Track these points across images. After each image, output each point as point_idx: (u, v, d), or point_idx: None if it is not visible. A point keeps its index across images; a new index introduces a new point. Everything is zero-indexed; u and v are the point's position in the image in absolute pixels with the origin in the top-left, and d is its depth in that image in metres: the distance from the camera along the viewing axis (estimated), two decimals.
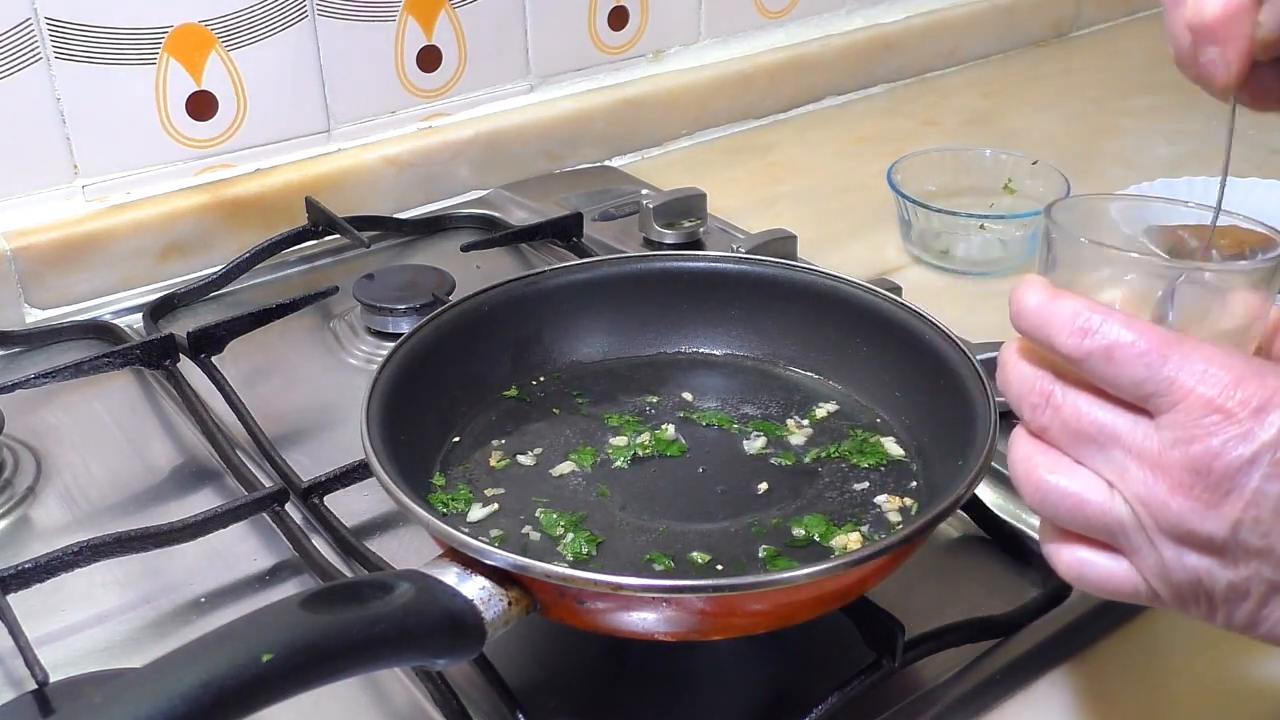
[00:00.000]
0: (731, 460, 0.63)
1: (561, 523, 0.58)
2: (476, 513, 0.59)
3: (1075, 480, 0.43)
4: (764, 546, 0.57)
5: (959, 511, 0.62)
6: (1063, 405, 0.43)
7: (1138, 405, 0.42)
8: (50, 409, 0.78)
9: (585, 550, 0.57)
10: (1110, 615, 0.60)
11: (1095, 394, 0.43)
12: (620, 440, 0.64)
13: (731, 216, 0.99)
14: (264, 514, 0.66)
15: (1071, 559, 0.45)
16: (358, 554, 0.63)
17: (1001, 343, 0.71)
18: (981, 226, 0.92)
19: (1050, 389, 0.44)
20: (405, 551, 0.65)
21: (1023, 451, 0.45)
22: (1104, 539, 0.43)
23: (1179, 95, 1.31)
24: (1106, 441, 0.42)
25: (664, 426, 0.66)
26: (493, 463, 0.63)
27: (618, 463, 0.63)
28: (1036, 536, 0.64)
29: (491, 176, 1.08)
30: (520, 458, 0.64)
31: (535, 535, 0.58)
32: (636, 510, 0.60)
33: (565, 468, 0.63)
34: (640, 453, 0.63)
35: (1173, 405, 0.40)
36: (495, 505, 0.60)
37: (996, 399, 0.58)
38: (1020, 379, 0.45)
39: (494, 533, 0.58)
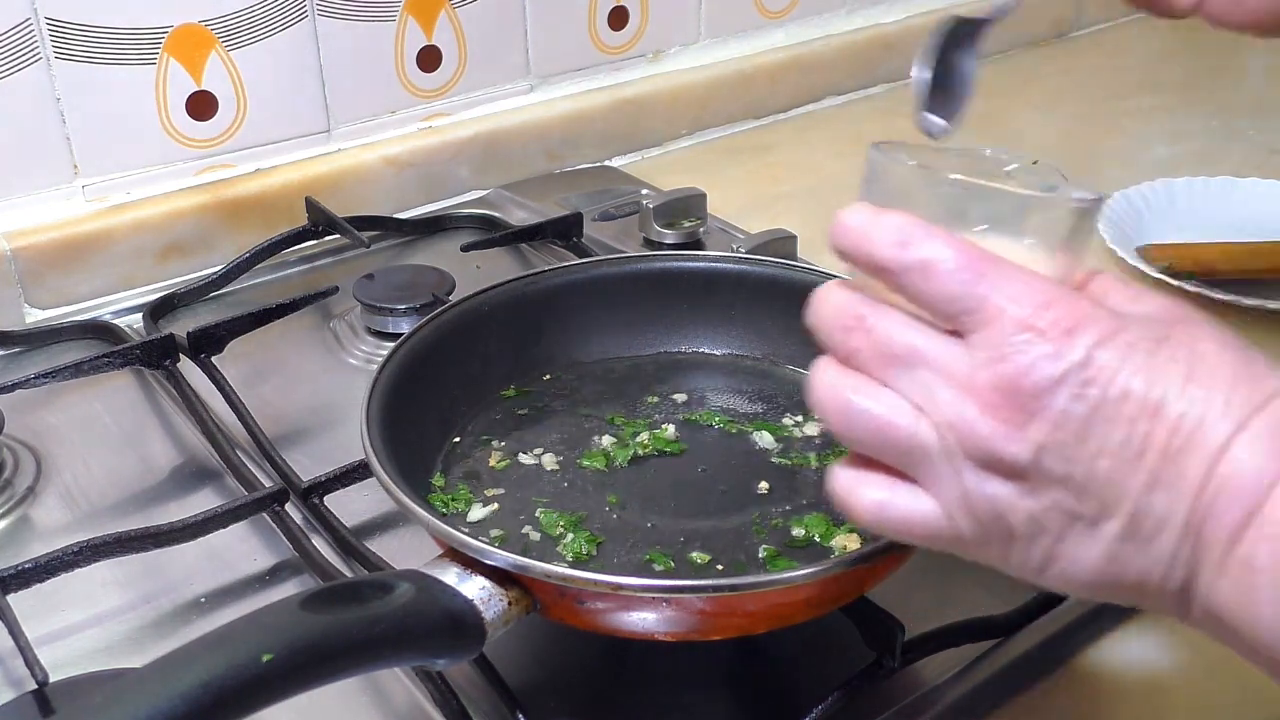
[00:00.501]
0: (731, 460, 0.63)
1: (561, 523, 0.58)
2: (476, 513, 0.59)
3: (881, 402, 0.42)
4: (764, 546, 0.57)
5: None
6: (874, 328, 0.42)
7: (951, 330, 0.41)
8: (50, 409, 0.78)
9: (585, 550, 0.57)
10: (1110, 615, 0.60)
11: (908, 318, 0.42)
12: (620, 440, 0.64)
13: (731, 216, 0.99)
14: (264, 514, 0.66)
15: (870, 501, 0.43)
16: (358, 554, 0.63)
17: None
18: None
19: (862, 312, 0.43)
20: (405, 551, 0.65)
21: (828, 378, 0.43)
22: (906, 467, 0.42)
23: (1179, 95, 1.32)
24: (916, 363, 0.41)
25: (664, 426, 0.66)
26: (493, 463, 0.63)
27: (618, 462, 0.63)
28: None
29: (491, 176, 1.08)
30: (520, 457, 0.64)
31: (535, 535, 0.58)
32: (637, 510, 0.59)
33: (565, 467, 0.63)
34: (640, 452, 0.63)
35: (985, 323, 0.40)
36: (495, 505, 0.60)
37: None
38: (834, 305, 0.44)
39: (494, 533, 0.58)
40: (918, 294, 0.42)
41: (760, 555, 0.56)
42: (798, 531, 0.58)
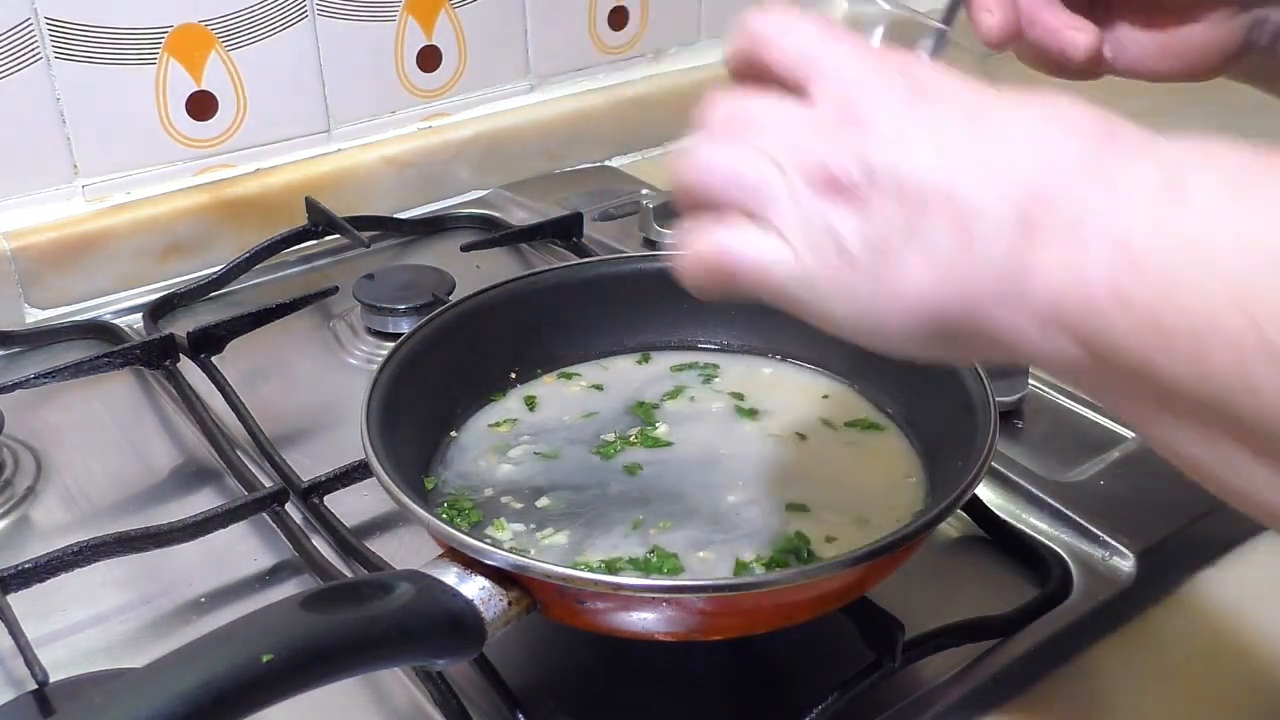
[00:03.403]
0: (731, 459, 0.63)
1: (560, 522, 0.58)
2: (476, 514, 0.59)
3: (725, 151, 0.42)
4: (764, 546, 0.57)
5: (959, 511, 0.62)
6: (735, 98, 0.43)
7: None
8: (50, 409, 0.78)
9: (583, 551, 0.56)
10: (1110, 615, 0.60)
11: (760, 92, 0.43)
12: (620, 438, 0.64)
13: None
14: (264, 514, 0.66)
15: (714, 242, 0.43)
16: (358, 554, 0.63)
17: None
18: None
19: (723, 96, 0.44)
20: (405, 551, 0.65)
21: (687, 150, 0.43)
22: (750, 206, 0.42)
23: (1179, 95, 1.31)
24: (767, 119, 0.42)
25: (664, 426, 0.66)
26: (493, 462, 0.63)
27: (618, 462, 0.63)
28: (1036, 535, 0.64)
29: (491, 176, 1.08)
30: (520, 457, 0.64)
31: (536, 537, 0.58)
32: (636, 509, 0.59)
33: (565, 466, 0.63)
34: (640, 452, 0.63)
35: (823, 74, 0.41)
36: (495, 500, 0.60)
37: (995, 399, 0.58)
38: (705, 103, 0.44)
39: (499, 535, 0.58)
40: (772, 61, 0.43)
41: (760, 555, 0.56)
42: (795, 530, 0.58)
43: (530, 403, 0.68)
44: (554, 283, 0.71)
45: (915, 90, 0.41)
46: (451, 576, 0.49)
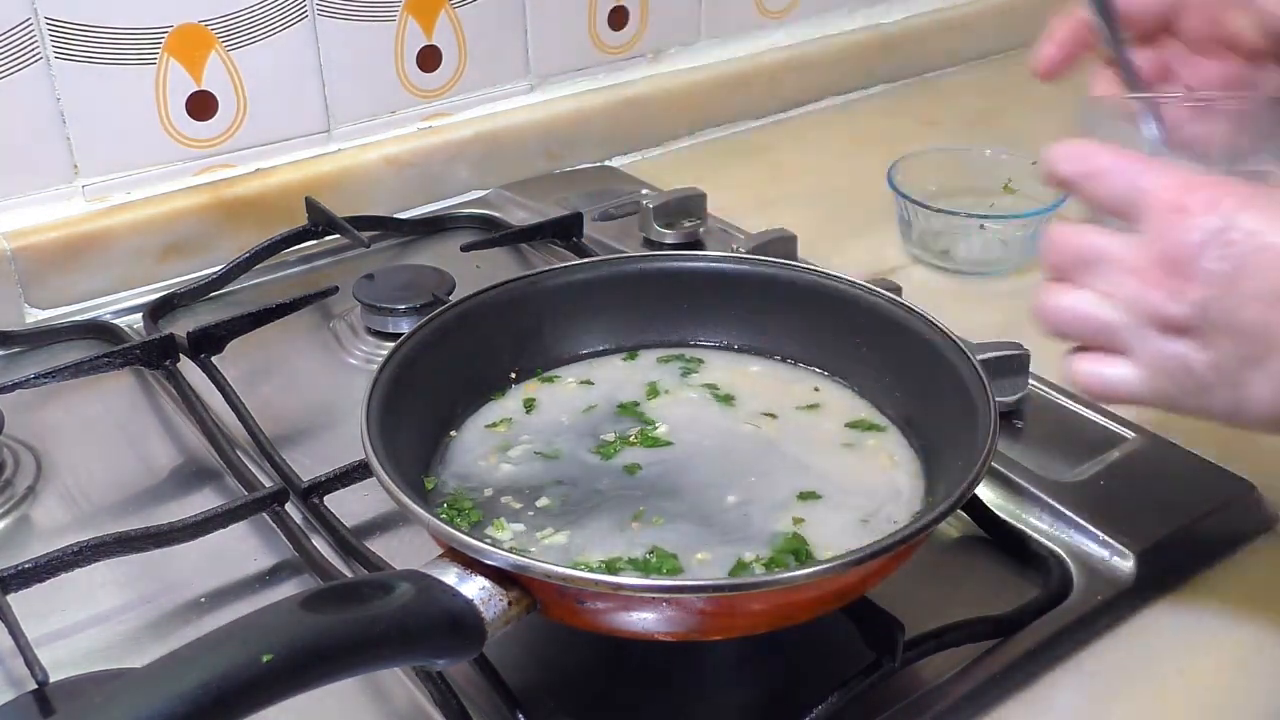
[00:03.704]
0: (731, 459, 0.63)
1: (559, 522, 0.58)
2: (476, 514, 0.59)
3: (1075, 298, 0.52)
4: (764, 546, 0.57)
5: (959, 511, 0.62)
6: (1069, 242, 0.52)
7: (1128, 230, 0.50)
8: (50, 409, 0.78)
9: (583, 551, 0.56)
10: (1110, 615, 0.60)
11: (1097, 229, 0.52)
12: (620, 439, 0.64)
13: (731, 216, 0.99)
14: (264, 514, 0.66)
15: (1085, 373, 0.53)
16: (358, 554, 0.64)
17: (1001, 342, 0.72)
18: (981, 226, 0.92)
19: (1061, 234, 0.53)
20: (405, 551, 0.65)
21: (1041, 297, 0.54)
22: (1109, 345, 0.52)
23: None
24: (1101, 260, 0.51)
25: (663, 426, 0.66)
26: (493, 462, 0.63)
27: (618, 462, 0.63)
28: (1036, 535, 0.64)
29: (491, 176, 1.08)
30: (520, 457, 0.64)
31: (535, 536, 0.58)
32: (636, 509, 0.59)
33: (565, 466, 0.63)
34: (640, 452, 0.63)
35: (1146, 211, 0.49)
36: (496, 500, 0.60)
37: (995, 399, 0.58)
38: (1048, 239, 0.54)
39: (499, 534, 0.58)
40: (1094, 198, 0.52)
41: (760, 555, 0.56)
42: (794, 530, 0.58)
43: (529, 405, 0.68)
44: (554, 283, 0.71)
45: (1224, 231, 0.47)
46: (451, 576, 0.49)
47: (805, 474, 0.62)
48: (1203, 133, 0.58)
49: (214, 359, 0.78)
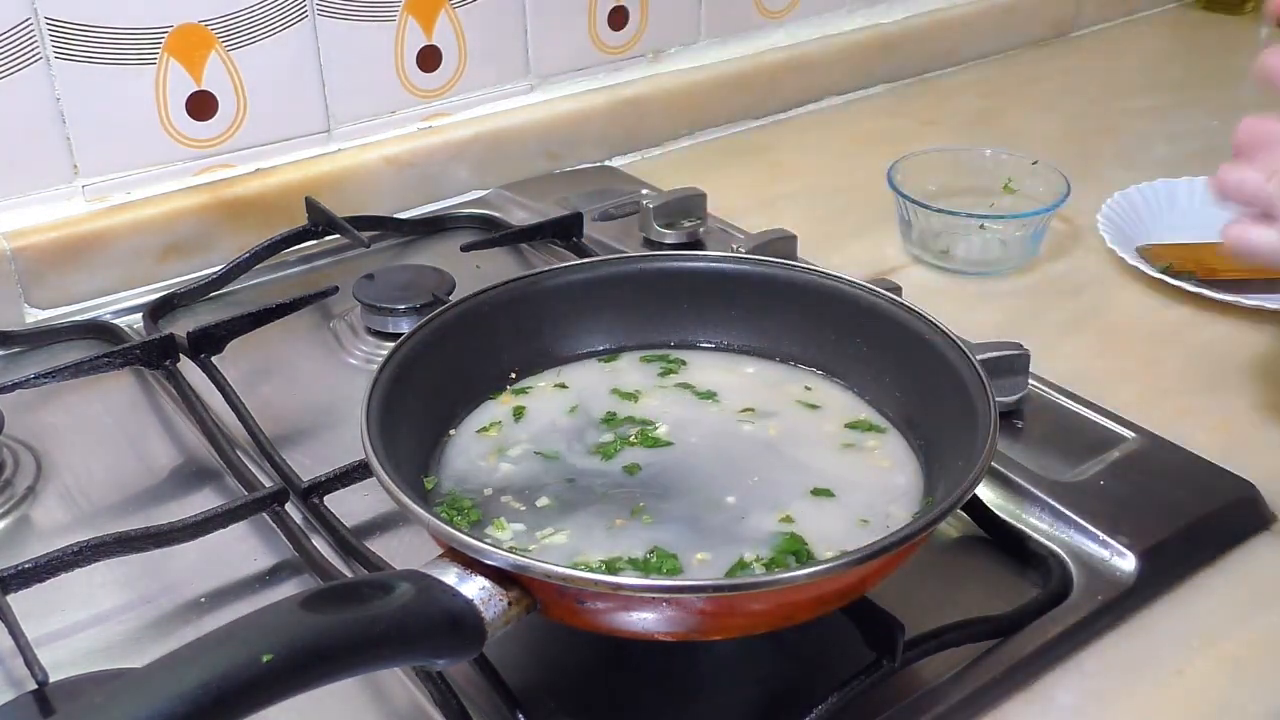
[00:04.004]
0: (731, 459, 0.63)
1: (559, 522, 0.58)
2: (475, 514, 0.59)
3: (1245, 172, 0.64)
4: (764, 546, 0.57)
5: (959, 511, 0.62)
6: (1255, 124, 0.64)
7: None
8: (50, 409, 0.78)
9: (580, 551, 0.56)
10: (1110, 615, 0.60)
11: None
12: (620, 439, 0.64)
13: (731, 216, 0.99)
14: (264, 514, 0.66)
15: (1237, 232, 0.64)
16: (358, 554, 0.64)
17: (1001, 342, 0.72)
18: (981, 226, 0.92)
19: (1252, 119, 0.65)
20: (405, 551, 0.65)
21: (1220, 170, 0.65)
22: (1262, 207, 0.62)
23: (1179, 95, 1.32)
24: (1273, 142, 0.63)
25: (664, 426, 0.66)
26: (492, 462, 0.63)
27: (618, 462, 0.63)
28: (1036, 535, 0.64)
29: (491, 176, 1.08)
30: (520, 457, 0.64)
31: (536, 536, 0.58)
32: (636, 509, 0.59)
33: (565, 466, 0.63)
34: (640, 452, 0.63)
35: None
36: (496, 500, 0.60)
37: (995, 399, 0.58)
38: (1241, 126, 0.65)
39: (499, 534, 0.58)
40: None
41: (760, 555, 0.56)
42: (794, 530, 0.58)
43: (521, 411, 0.68)
44: (554, 283, 0.71)
45: None
46: (451, 576, 0.49)
47: (805, 474, 0.62)
48: None
49: (214, 359, 0.78)
